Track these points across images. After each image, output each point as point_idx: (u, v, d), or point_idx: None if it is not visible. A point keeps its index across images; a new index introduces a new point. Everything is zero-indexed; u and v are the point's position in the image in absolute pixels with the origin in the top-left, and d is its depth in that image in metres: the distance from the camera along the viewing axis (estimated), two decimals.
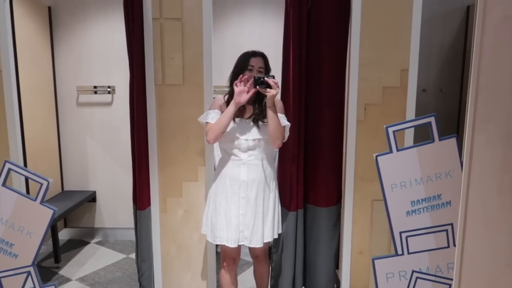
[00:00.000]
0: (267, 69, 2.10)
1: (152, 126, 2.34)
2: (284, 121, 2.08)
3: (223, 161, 2.14)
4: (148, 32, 2.27)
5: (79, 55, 3.55)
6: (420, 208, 1.31)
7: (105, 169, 3.67)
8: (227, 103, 2.07)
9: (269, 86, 1.90)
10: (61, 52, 3.55)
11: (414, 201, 1.31)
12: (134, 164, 2.40)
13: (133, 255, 3.35)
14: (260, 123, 2.06)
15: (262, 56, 2.10)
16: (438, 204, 1.31)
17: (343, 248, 2.43)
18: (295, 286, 2.49)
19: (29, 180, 1.60)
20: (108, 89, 3.56)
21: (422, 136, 1.76)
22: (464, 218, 0.98)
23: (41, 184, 1.42)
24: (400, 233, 1.33)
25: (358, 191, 2.35)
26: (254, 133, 2.05)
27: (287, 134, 2.10)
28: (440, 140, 1.31)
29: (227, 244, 2.07)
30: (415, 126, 1.37)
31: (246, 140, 2.05)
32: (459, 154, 1.29)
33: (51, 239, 3.20)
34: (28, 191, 2.46)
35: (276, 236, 2.18)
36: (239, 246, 2.15)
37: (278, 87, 1.92)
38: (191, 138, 2.37)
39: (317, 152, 2.41)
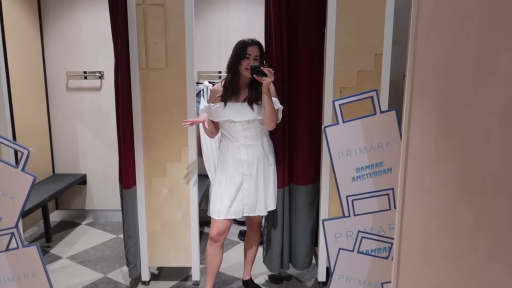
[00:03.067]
0: (262, 56, 2.25)
1: (137, 109, 2.44)
2: (277, 104, 2.26)
3: (224, 144, 2.34)
4: (132, 17, 2.34)
5: (69, 41, 3.61)
6: (364, 174, 1.43)
7: (95, 153, 3.77)
8: (224, 88, 2.28)
9: (265, 75, 2.07)
10: (50, 38, 3.62)
11: (358, 168, 1.43)
12: (120, 145, 2.49)
13: (122, 235, 3.47)
14: (254, 105, 2.23)
15: (258, 44, 2.26)
16: (380, 170, 1.43)
17: (320, 226, 2.56)
18: (283, 259, 2.64)
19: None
20: (98, 74, 3.64)
21: None
22: (404, 183, 1.10)
23: (22, 153, 1.53)
24: (347, 197, 1.46)
25: None
26: (248, 115, 2.23)
27: (280, 116, 2.30)
28: (381, 112, 1.43)
29: (230, 217, 2.29)
30: (359, 100, 1.48)
31: (241, 122, 2.23)
32: (399, 126, 1.41)
33: (42, 220, 3.31)
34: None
35: (275, 207, 2.41)
36: (230, 222, 2.34)
37: (272, 75, 2.09)
38: (175, 120, 2.47)
39: (296, 134, 2.52)
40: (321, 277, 2.62)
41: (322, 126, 1.53)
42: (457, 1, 0.99)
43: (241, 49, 2.23)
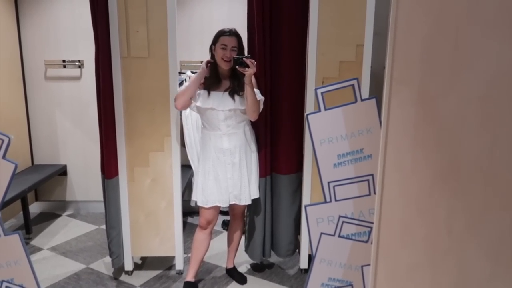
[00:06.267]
0: (240, 47, 2.25)
1: (119, 98, 2.41)
2: (259, 95, 2.28)
3: (206, 133, 2.34)
4: (113, 5, 2.30)
5: (46, 29, 3.52)
6: (345, 161, 1.48)
7: (76, 143, 3.71)
8: (208, 75, 2.29)
9: (247, 66, 2.09)
10: (27, 26, 3.52)
11: (340, 155, 1.48)
12: (101, 135, 2.47)
13: (104, 226, 3.44)
14: (235, 95, 2.25)
15: (236, 35, 2.25)
16: (361, 157, 1.48)
17: (302, 214, 2.60)
18: (265, 248, 2.68)
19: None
20: (77, 63, 3.57)
21: None
22: (383, 169, 1.13)
23: (2, 140, 1.51)
24: (328, 183, 1.51)
25: None
26: (229, 104, 2.24)
27: (261, 107, 2.32)
28: (362, 100, 1.47)
29: (218, 205, 2.32)
30: (340, 88, 1.51)
31: (223, 110, 2.24)
32: (379, 113, 1.45)
33: (21, 211, 3.25)
34: None
35: (258, 195, 2.45)
36: (217, 210, 2.37)
37: (255, 66, 2.11)
38: (157, 110, 2.46)
39: (278, 123, 2.55)
40: (303, 264, 2.67)
41: (305, 114, 1.56)
42: None
43: (217, 38, 2.24)
